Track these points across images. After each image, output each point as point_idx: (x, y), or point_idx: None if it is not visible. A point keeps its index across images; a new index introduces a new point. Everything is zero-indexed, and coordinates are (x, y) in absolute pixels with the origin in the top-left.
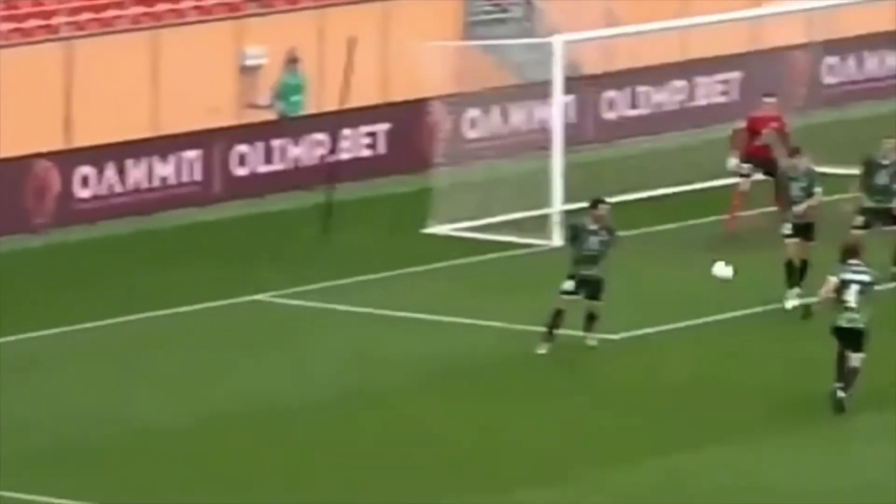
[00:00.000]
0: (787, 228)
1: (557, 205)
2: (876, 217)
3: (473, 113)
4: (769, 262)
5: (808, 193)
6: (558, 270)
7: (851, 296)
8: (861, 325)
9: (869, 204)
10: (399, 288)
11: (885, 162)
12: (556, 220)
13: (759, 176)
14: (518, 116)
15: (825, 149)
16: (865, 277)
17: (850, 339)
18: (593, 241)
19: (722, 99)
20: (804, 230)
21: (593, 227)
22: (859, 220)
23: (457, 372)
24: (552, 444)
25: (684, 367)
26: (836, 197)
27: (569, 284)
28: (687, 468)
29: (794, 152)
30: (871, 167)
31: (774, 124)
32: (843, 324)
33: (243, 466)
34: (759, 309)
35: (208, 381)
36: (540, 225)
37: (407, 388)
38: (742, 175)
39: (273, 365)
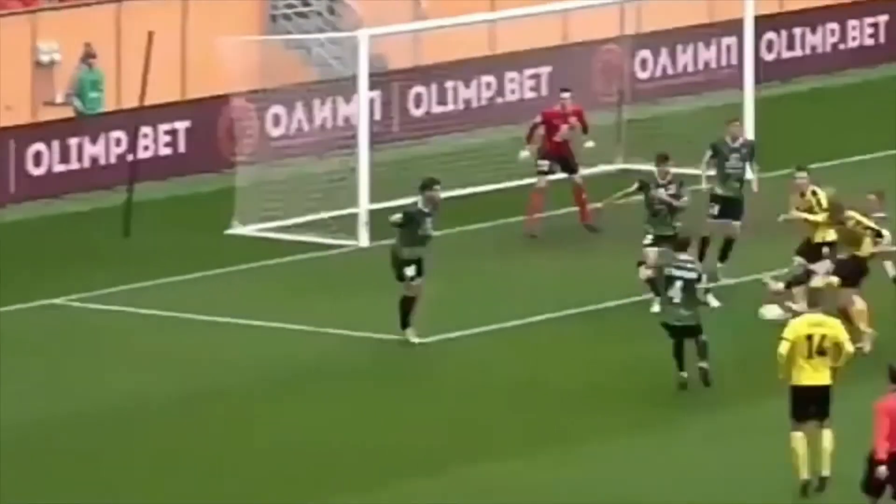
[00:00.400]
0: (649, 239)
1: (364, 204)
2: (729, 205)
3: (277, 110)
4: (580, 262)
5: (677, 198)
6: (366, 271)
7: (676, 292)
8: (692, 323)
9: (721, 191)
10: (203, 290)
11: (735, 144)
12: (363, 220)
13: (561, 174)
14: (323, 113)
15: (640, 145)
16: (691, 274)
17: (685, 334)
18: (429, 224)
19: (532, 94)
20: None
21: (427, 209)
22: (714, 209)
23: (269, 376)
24: (370, 450)
25: (503, 369)
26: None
27: (411, 270)
28: (499, 476)
29: (661, 160)
30: (720, 152)
31: (573, 119)
32: (672, 321)
33: (37, 475)
34: (573, 311)
35: (2, 387)
36: (347, 225)
37: (217, 391)
38: (541, 172)
39: (71, 370)
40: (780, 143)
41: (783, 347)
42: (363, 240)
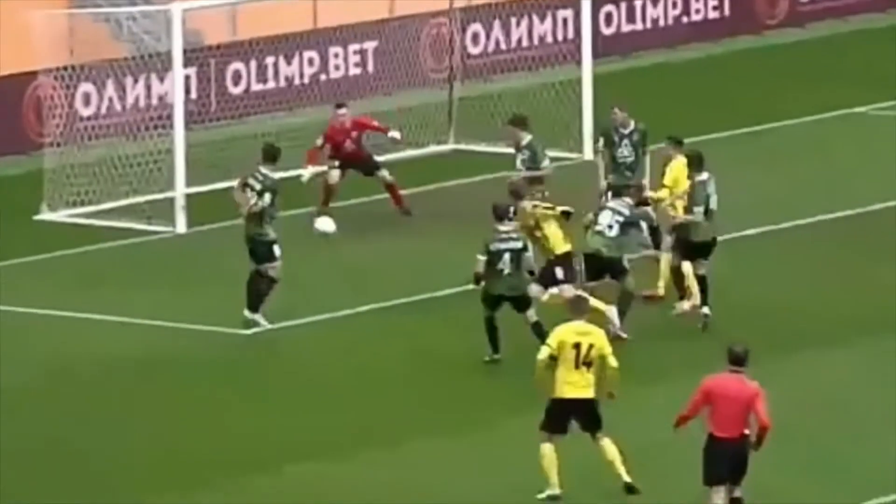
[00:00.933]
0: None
1: (181, 188)
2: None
3: (87, 88)
4: (410, 248)
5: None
6: (184, 259)
7: (506, 263)
8: (521, 293)
9: (613, 180)
10: (11, 280)
11: (626, 130)
12: (179, 204)
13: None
14: (136, 92)
15: (473, 124)
16: (516, 244)
17: (517, 304)
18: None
19: (357, 71)
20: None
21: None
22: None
23: (85, 371)
24: (201, 448)
25: (331, 362)
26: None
27: (278, 249)
28: (332, 474)
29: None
30: (610, 139)
31: (354, 134)
32: (504, 292)
33: None
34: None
35: None
36: (163, 210)
37: (18, 388)
38: (332, 168)
39: None
40: None
41: (543, 353)
42: (180, 225)
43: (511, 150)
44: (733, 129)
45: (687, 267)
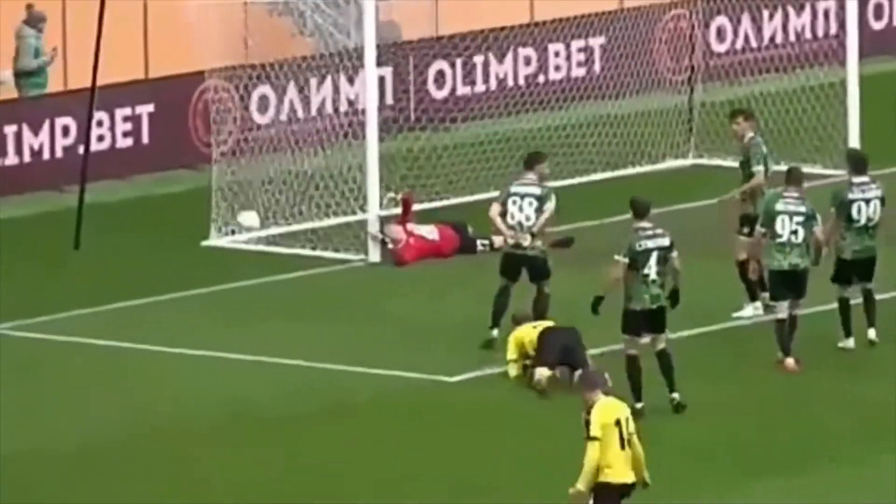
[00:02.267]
0: None
1: (374, 208)
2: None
3: (263, 90)
4: None
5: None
6: (380, 292)
7: (651, 268)
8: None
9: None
10: (179, 315)
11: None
12: (373, 227)
13: None
14: (321, 95)
15: (718, 136)
16: (663, 241)
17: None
18: None
19: (581, 72)
20: None
21: None
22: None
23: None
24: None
25: None
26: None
27: None
28: None
29: None
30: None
31: None
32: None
33: None
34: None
35: None
36: (353, 235)
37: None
38: None
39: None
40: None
41: (594, 450)
42: (373, 254)
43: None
44: None
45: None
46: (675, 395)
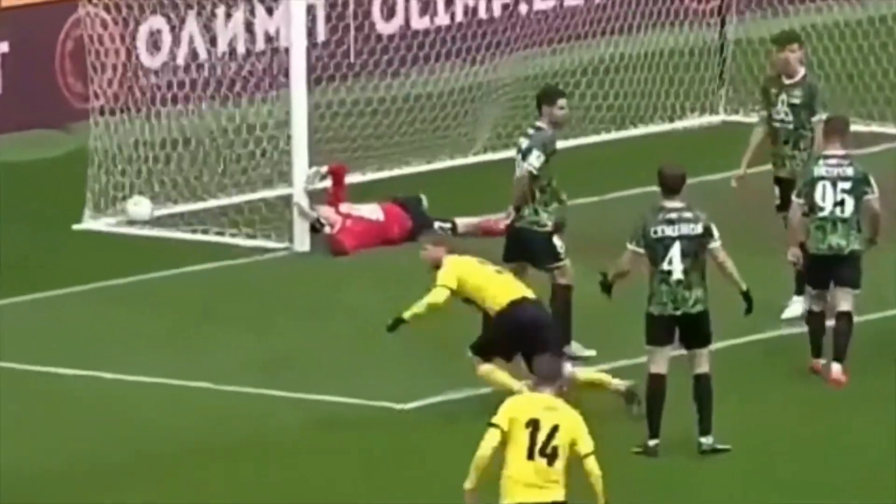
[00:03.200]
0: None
1: (301, 179)
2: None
3: (155, 23)
4: None
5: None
6: (313, 290)
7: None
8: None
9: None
10: (53, 317)
11: (788, 82)
12: (302, 203)
13: None
14: (229, 30)
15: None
16: (695, 227)
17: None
18: None
19: None
20: None
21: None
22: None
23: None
24: None
25: None
26: None
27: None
28: None
29: None
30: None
31: None
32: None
33: None
34: None
35: None
36: (274, 216)
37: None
38: None
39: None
40: None
41: (491, 439)
42: (300, 241)
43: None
44: None
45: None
46: (705, 441)
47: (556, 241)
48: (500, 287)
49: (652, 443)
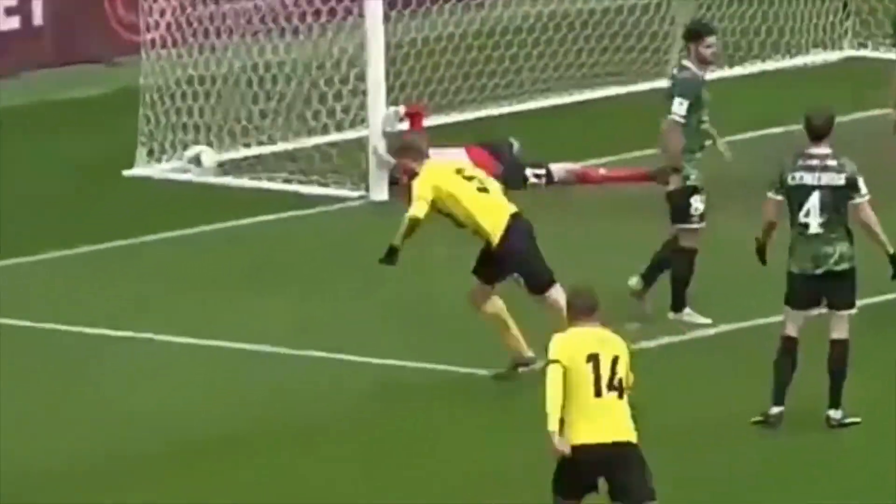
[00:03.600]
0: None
1: (378, 120)
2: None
3: None
4: None
5: None
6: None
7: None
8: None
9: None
10: (87, 281)
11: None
12: (380, 148)
13: None
14: None
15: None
16: (837, 178)
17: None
18: None
19: None
20: None
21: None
22: None
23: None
24: None
25: None
26: None
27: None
28: None
29: None
30: None
31: None
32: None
33: None
34: None
35: None
36: (346, 161)
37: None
38: None
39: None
40: None
41: (556, 377)
42: (378, 189)
43: None
44: None
45: None
46: (834, 413)
47: (696, 200)
48: (487, 212)
49: (775, 410)
